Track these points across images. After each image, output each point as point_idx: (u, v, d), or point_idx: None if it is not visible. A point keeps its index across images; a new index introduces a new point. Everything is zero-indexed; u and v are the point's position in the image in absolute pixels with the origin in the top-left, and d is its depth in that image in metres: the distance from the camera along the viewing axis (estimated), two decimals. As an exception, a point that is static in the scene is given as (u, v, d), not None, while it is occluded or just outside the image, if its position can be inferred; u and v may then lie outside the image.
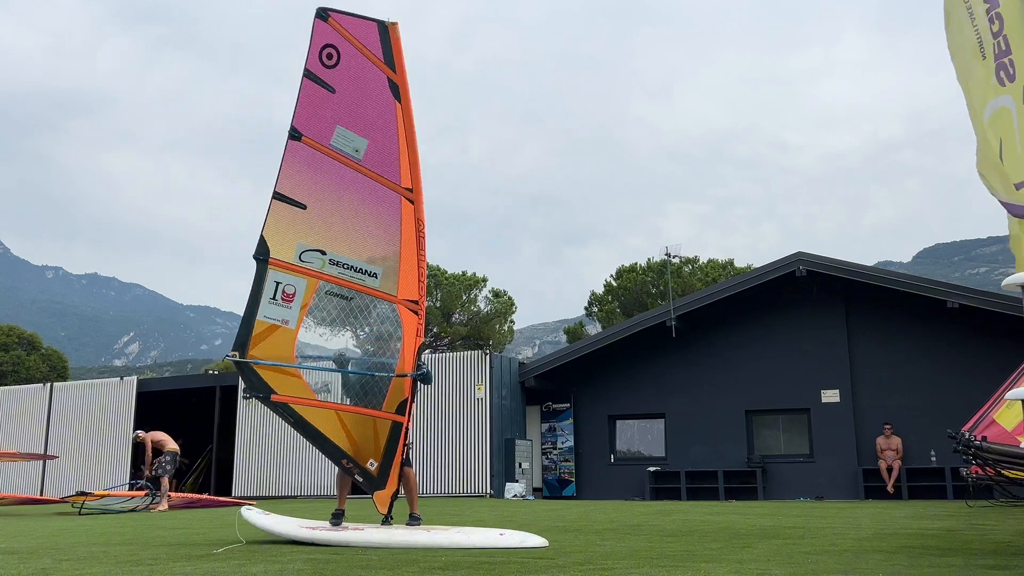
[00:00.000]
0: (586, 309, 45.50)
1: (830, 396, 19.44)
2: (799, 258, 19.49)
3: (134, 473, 21.78)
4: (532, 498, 19.75)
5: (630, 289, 42.56)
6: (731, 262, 43.87)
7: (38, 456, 22.55)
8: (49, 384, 26.00)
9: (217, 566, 5.76)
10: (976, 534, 7.81)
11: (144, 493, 15.97)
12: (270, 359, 7.55)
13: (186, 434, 20.66)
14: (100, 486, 20.84)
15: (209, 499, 17.78)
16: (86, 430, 24.23)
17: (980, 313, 17.79)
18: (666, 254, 25.60)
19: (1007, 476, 12.10)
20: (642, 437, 21.43)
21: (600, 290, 44.93)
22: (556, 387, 21.71)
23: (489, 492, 19.36)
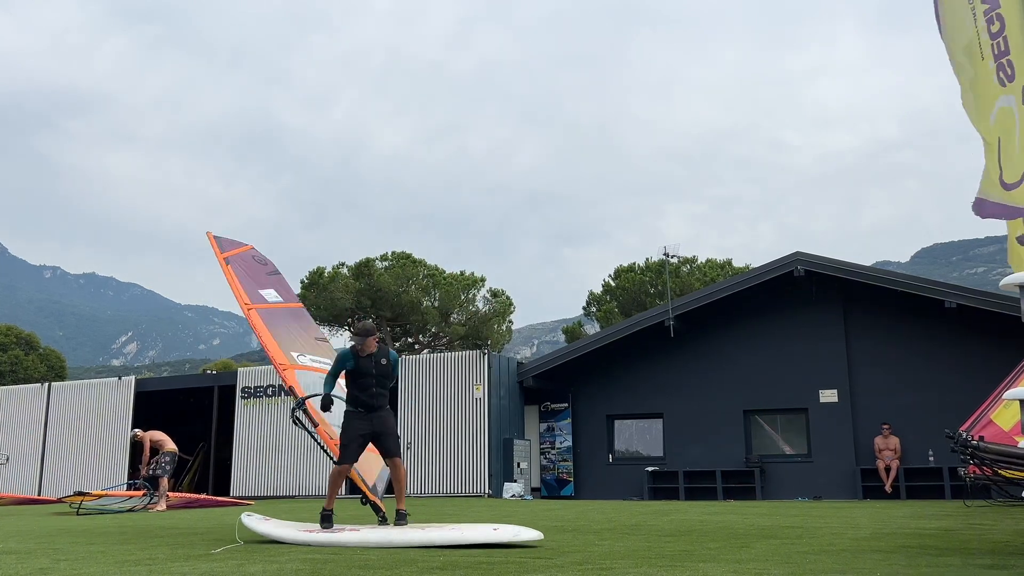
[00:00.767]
0: (584, 309, 45.51)
1: (828, 396, 19.45)
2: (797, 258, 19.49)
3: (132, 473, 21.77)
4: (530, 498, 19.75)
5: (628, 289, 42.57)
6: (729, 262, 43.89)
7: None
8: (47, 384, 25.98)
9: (215, 566, 5.76)
10: (974, 534, 7.81)
11: (142, 493, 15.94)
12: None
13: (182, 433, 20.60)
14: (98, 486, 20.83)
15: (207, 499, 17.77)
16: (84, 430, 24.21)
17: (978, 313, 17.80)
18: (664, 254, 25.58)
19: (1005, 476, 12.11)
20: (640, 437, 21.43)
21: (598, 290, 44.97)
22: (554, 387, 21.71)
23: (487, 492, 19.36)
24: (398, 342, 41.63)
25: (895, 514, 11.03)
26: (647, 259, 43.47)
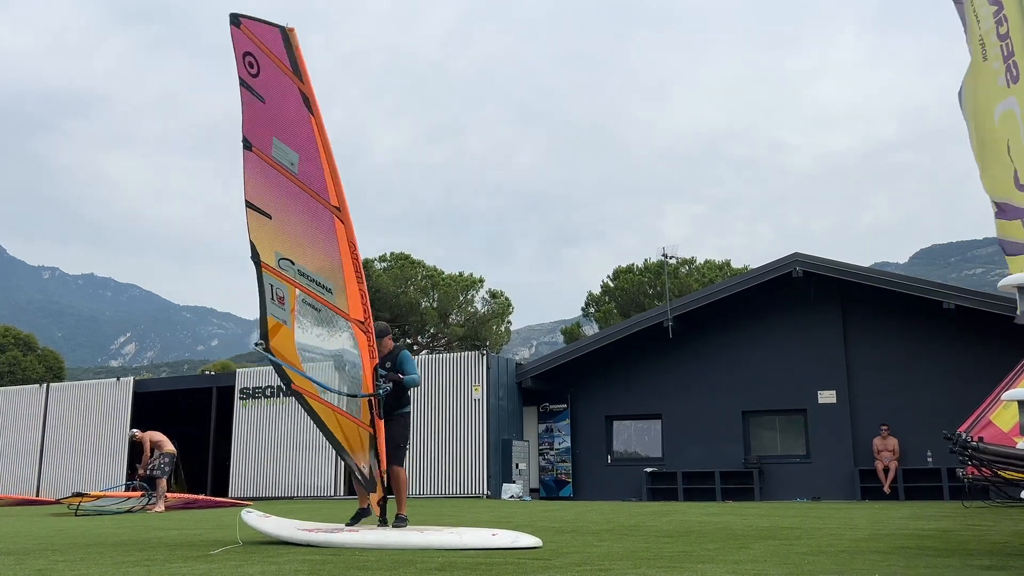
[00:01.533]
0: (583, 310, 45.50)
1: (827, 397, 19.45)
2: (796, 259, 19.50)
3: (130, 473, 21.76)
4: (529, 499, 19.74)
5: (627, 290, 42.56)
6: (728, 263, 43.88)
7: None
8: (45, 385, 25.96)
9: (214, 567, 5.76)
10: (972, 535, 7.81)
11: (140, 494, 15.93)
12: (282, 353, 7.95)
13: (180, 434, 20.62)
14: (96, 487, 20.81)
15: (206, 499, 17.76)
16: (82, 431, 24.19)
17: (976, 314, 17.81)
18: (663, 254, 25.57)
19: (1003, 477, 12.13)
20: (639, 438, 21.43)
21: (597, 291, 44.96)
22: (553, 388, 21.70)
23: (486, 493, 19.35)
24: (396, 343, 41.56)
25: (893, 515, 11.03)
26: (646, 260, 43.46)
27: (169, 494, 16.22)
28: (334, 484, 20.73)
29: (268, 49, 7.35)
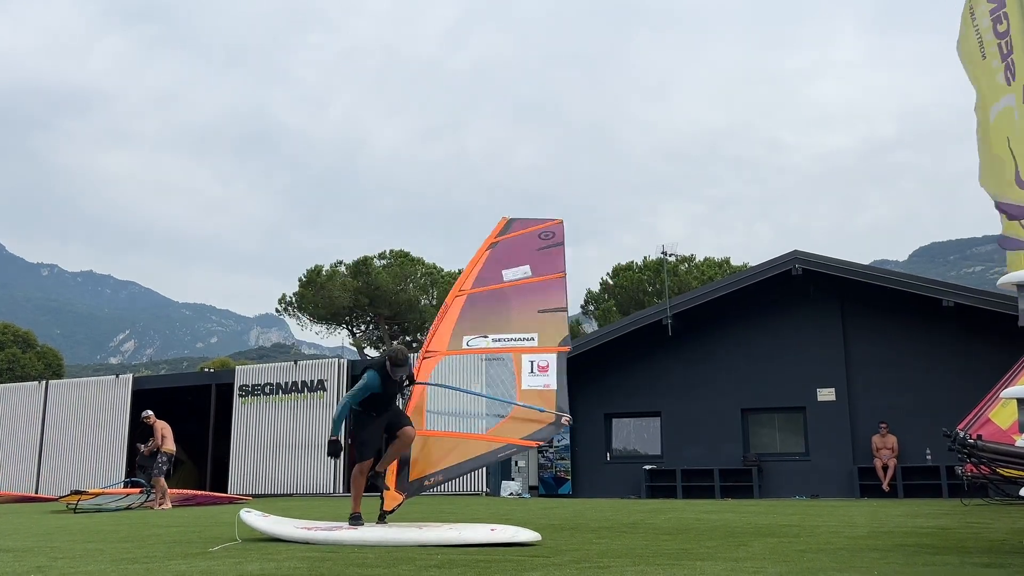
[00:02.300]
0: (582, 307, 45.52)
1: (826, 395, 19.45)
2: (795, 257, 19.49)
3: (130, 471, 21.76)
4: (528, 496, 19.75)
5: (626, 288, 42.58)
6: (727, 260, 43.94)
7: None
8: (44, 382, 25.95)
9: (213, 564, 5.76)
10: (971, 532, 7.82)
11: (139, 491, 15.93)
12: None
13: (179, 431, 20.58)
14: (96, 484, 20.81)
15: (205, 496, 17.75)
16: (81, 428, 24.20)
17: (976, 312, 17.80)
18: (663, 252, 25.58)
19: (1002, 475, 12.13)
20: (638, 435, 21.43)
21: (596, 288, 44.98)
22: (552, 385, 21.64)
23: (485, 490, 19.36)
24: (396, 340, 41.61)
25: (892, 513, 11.04)
26: (645, 258, 43.52)
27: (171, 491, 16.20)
28: (332, 481, 20.73)
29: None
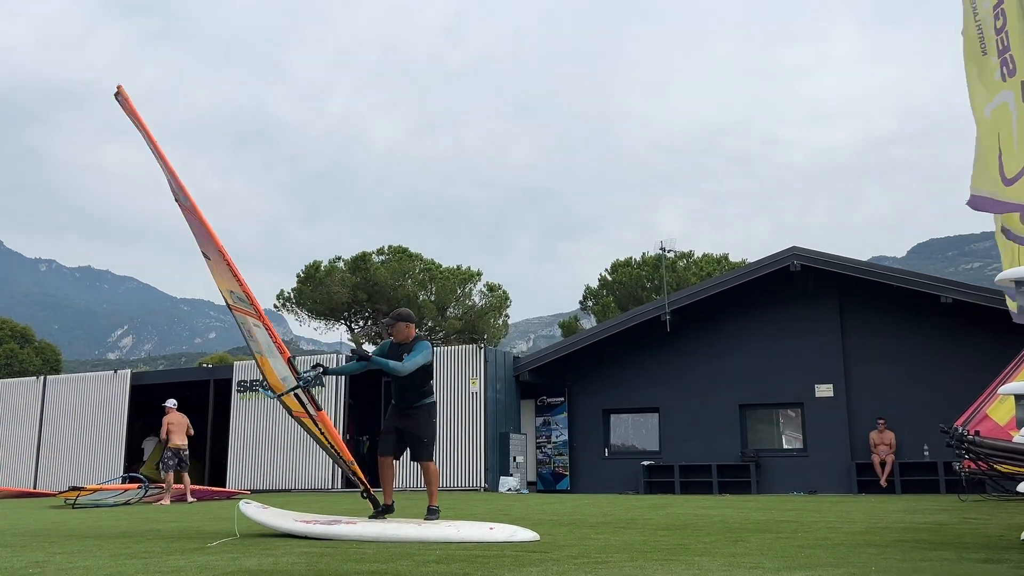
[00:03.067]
0: (581, 303, 45.53)
1: (824, 390, 19.48)
2: (794, 252, 19.51)
3: (128, 466, 21.75)
4: (526, 492, 19.77)
5: (625, 283, 42.58)
6: (725, 256, 43.90)
7: None
8: (42, 377, 25.92)
9: (211, 559, 5.76)
10: (968, 528, 7.83)
11: (137, 486, 15.93)
12: (274, 384, 7.97)
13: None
14: (94, 480, 20.81)
15: (203, 490, 17.75)
16: (80, 424, 24.17)
17: (974, 308, 17.83)
18: (661, 248, 25.56)
19: (999, 470, 12.17)
20: (636, 431, 21.46)
21: (595, 284, 44.97)
22: (550, 381, 21.72)
23: (484, 486, 19.38)
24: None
25: (890, 508, 11.05)
26: (643, 253, 43.48)
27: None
28: (331, 477, 20.74)
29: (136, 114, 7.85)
